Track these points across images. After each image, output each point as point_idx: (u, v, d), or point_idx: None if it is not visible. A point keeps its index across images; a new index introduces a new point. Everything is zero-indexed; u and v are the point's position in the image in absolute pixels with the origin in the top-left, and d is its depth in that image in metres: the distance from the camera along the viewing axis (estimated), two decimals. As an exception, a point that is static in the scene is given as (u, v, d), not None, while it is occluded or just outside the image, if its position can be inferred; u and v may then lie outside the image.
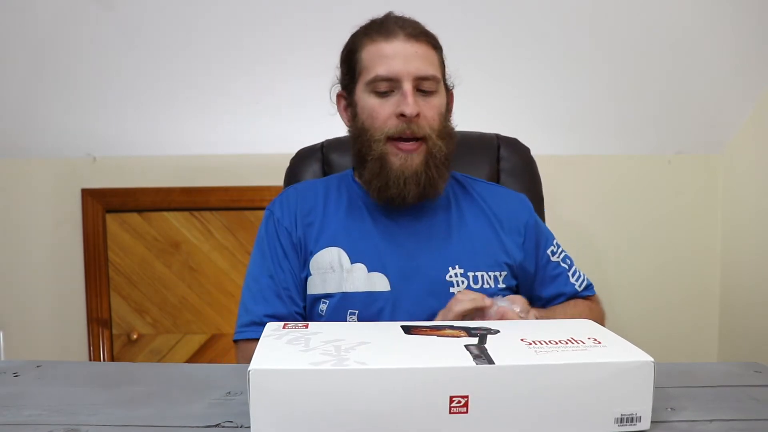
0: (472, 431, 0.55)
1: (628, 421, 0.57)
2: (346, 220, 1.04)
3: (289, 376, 0.54)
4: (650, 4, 1.71)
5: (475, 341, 0.62)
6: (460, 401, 0.55)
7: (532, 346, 0.60)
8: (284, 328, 0.68)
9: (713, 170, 2.01)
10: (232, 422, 0.60)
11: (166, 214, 1.94)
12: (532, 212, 1.11)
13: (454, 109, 1.08)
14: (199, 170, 1.94)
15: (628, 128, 1.94)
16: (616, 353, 0.59)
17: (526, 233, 1.07)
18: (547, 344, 0.61)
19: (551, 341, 0.62)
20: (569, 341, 0.62)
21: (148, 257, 1.95)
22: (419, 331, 0.67)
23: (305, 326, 0.68)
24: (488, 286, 1.00)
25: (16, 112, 1.83)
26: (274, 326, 0.68)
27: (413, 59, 0.97)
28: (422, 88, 0.98)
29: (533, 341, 0.62)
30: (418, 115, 0.96)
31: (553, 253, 1.09)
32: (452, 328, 0.68)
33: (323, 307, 0.99)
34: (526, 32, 1.75)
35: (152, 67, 1.77)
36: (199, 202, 1.94)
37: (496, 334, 0.65)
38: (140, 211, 1.94)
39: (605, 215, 2.01)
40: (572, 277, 1.09)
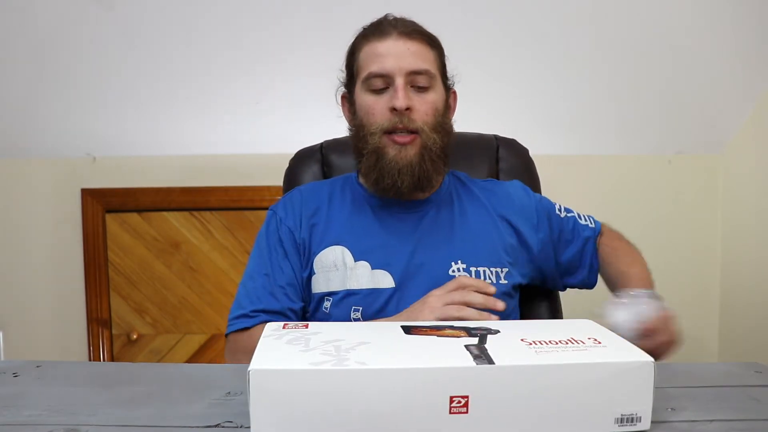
0: (472, 431, 0.55)
1: (628, 421, 0.57)
2: (349, 219, 1.05)
3: (289, 376, 0.54)
4: (650, 4, 1.71)
5: (475, 341, 0.62)
6: (460, 401, 0.55)
7: (532, 346, 0.60)
8: (284, 328, 0.67)
9: (713, 170, 2.01)
10: (232, 422, 0.60)
11: (165, 214, 1.95)
12: (528, 191, 1.14)
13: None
14: (199, 170, 1.94)
15: (628, 128, 1.94)
16: (616, 353, 0.59)
17: (537, 213, 1.10)
18: (547, 344, 0.61)
19: (551, 341, 0.62)
20: (569, 341, 0.62)
21: (148, 257, 1.95)
22: (419, 331, 0.67)
23: (305, 326, 0.68)
24: (489, 281, 1.01)
25: (16, 112, 1.83)
26: (274, 326, 0.68)
27: (405, 56, 0.98)
28: (416, 83, 0.99)
29: (533, 341, 0.62)
30: (409, 108, 0.97)
31: (559, 210, 1.13)
32: (452, 328, 0.68)
33: (327, 304, 1.00)
34: (526, 32, 1.75)
35: (152, 67, 1.77)
36: (199, 202, 1.94)
37: (496, 334, 0.65)
38: (140, 211, 1.94)
39: (605, 215, 1.97)
40: (582, 220, 1.14)
